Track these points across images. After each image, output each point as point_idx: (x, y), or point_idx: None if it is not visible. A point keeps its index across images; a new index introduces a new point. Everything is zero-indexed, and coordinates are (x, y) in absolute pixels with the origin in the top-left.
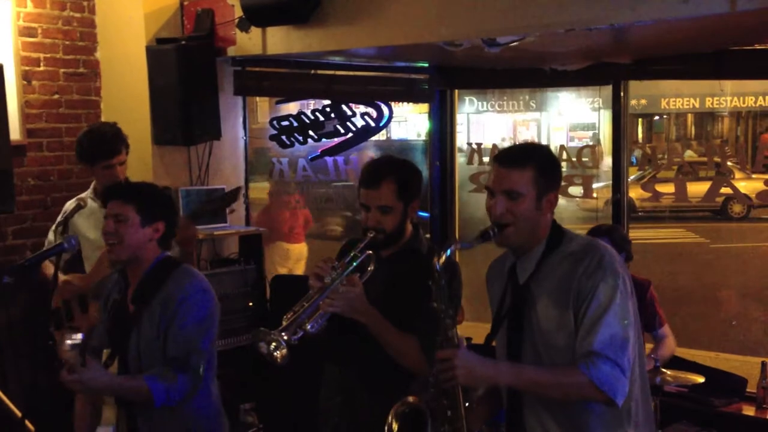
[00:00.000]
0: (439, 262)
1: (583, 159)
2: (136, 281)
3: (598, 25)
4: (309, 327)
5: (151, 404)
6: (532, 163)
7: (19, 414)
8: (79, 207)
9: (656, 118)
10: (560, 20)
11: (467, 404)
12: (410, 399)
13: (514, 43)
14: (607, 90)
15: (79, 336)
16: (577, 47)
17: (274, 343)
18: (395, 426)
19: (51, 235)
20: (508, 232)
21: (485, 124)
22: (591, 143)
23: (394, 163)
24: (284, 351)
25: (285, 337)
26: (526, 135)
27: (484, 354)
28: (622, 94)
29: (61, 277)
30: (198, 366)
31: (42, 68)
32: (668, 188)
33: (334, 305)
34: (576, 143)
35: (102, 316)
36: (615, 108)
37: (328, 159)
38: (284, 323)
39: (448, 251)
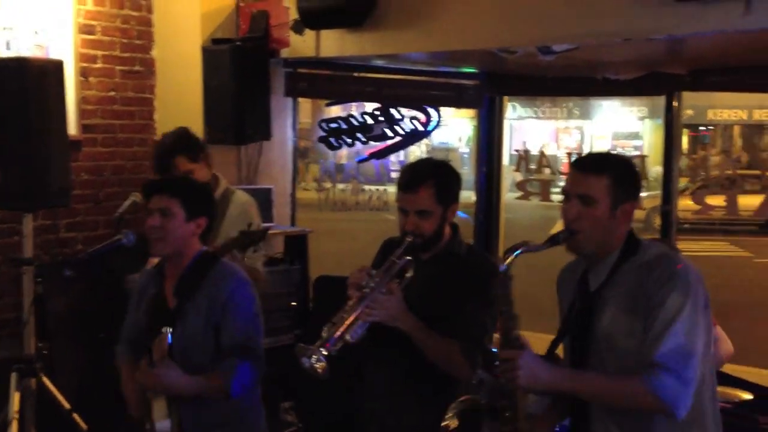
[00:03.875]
0: (505, 265)
1: None
2: (175, 276)
3: (657, 36)
4: (349, 338)
5: (227, 397)
6: (608, 170)
7: (67, 406)
8: (134, 203)
9: (702, 128)
10: (618, 30)
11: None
12: (471, 397)
13: (569, 51)
14: (655, 100)
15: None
16: (632, 57)
17: (314, 357)
18: (453, 423)
19: None
20: (578, 238)
21: (527, 131)
22: (636, 153)
23: (433, 166)
24: (324, 365)
25: (325, 353)
26: (569, 142)
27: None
28: (675, 104)
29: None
30: (259, 350)
31: (99, 65)
32: (718, 200)
33: (373, 314)
34: (619, 152)
35: (133, 309)
36: (667, 119)
37: (375, 162)
38: (324, 334)
39: (515, 254)
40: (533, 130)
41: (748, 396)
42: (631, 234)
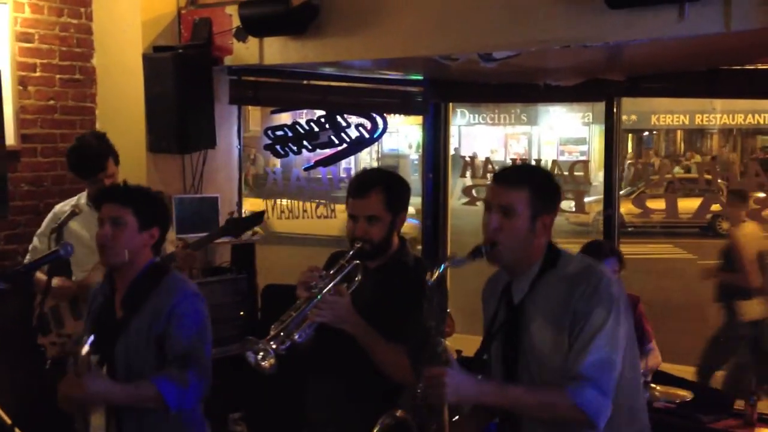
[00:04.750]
0: (432, 279)
1: (576, 174)
2: (124, 286)
3: (594, 43)
4: (297, 337)
5: (165, 408)
6: (527, 184)
7: (8, 421)
8: (73, 213)
9: (646, 134)
10: (556, 37)
11: (455, 418)
12: (397, 412)
13: (510, 58)
14: (599, 105)
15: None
16: (571, 64)
17: (261, 353)
18: None
19: (37, 241)
20: (498, 250)
21: (476, 137)
22: (582, 158)
23: (383, 174)
24: (272, 360)
25: (273, 347)
26: (517, 148)
27: (474, 367)
28: (615, 110)
29: (54, 281)
30: (203, 360)
31: (38, 74)
32: (659, 204)
33: (321, 315)
34: (566, 157)
35: (86, 321)
36: (608, 124)
37: (322, 169)
38: (272, 332)
39: (441, 268)
40: (483, 136)
41: (690, 395)
42: (550, 246)
